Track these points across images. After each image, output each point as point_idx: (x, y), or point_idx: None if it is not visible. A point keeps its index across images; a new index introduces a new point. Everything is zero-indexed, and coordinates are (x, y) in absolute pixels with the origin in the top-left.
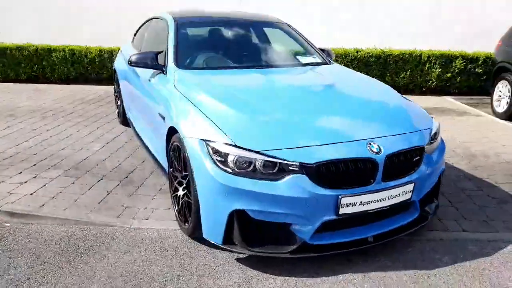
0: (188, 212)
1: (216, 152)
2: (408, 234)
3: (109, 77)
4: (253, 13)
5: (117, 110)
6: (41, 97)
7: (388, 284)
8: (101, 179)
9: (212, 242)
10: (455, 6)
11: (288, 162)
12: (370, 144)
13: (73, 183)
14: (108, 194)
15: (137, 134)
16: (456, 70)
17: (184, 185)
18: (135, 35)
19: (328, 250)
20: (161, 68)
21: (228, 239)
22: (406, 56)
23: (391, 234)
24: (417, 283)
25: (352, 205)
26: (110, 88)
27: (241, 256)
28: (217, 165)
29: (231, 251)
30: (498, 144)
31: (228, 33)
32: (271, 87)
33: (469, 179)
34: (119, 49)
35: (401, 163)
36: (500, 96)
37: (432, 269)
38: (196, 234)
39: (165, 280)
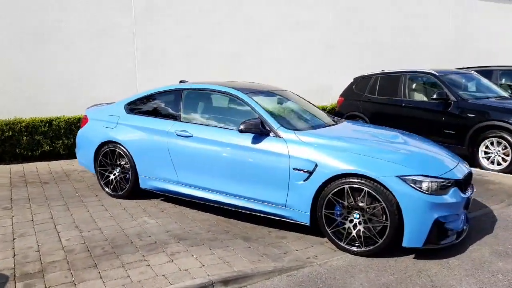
0: (377, 236)
1: (414, 181)
2: None
3: None
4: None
5: (112, 184)
6: None
7: None
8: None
9: (412, 247)
10: None
11: (450, 180)
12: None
13: None
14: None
15: (187, 197)
16: None
17: (358, 216)
18: (132, 104)
19: (463, 233)
20: (268, 133)
21: (426, 242)
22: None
23: None
24: None
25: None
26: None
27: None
28: (417, 190)
29: (421, 250)
30: None
31: (277, 98)
32: (372, 135)
33: None
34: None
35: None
36: None
37: None
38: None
39: None
